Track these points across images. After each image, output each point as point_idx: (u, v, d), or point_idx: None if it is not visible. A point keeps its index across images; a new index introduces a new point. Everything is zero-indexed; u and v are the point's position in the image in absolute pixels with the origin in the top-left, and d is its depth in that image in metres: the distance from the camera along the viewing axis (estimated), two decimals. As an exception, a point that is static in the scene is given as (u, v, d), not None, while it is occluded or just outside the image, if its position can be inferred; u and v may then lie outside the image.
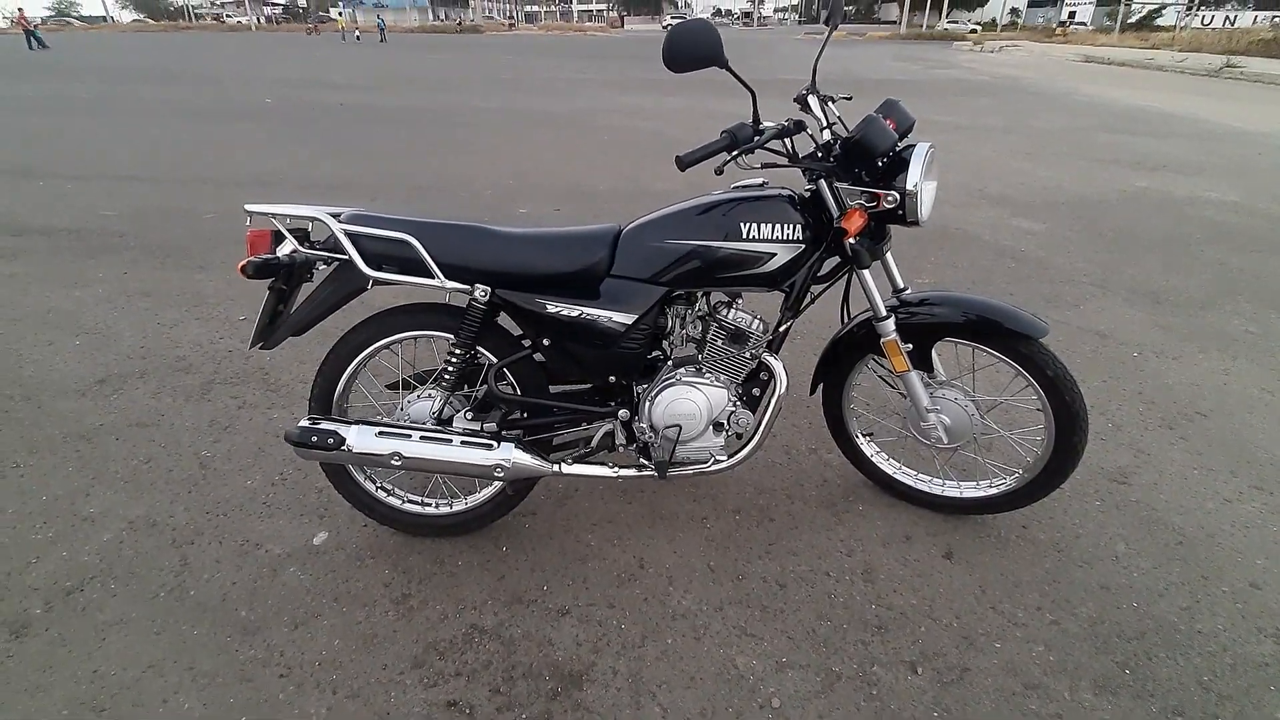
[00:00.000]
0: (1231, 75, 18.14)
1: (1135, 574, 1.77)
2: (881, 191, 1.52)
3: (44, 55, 23.58)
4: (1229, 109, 11.34)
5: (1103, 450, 2.27)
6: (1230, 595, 1.71)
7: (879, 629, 1.62)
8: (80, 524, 1.95)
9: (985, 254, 4.21)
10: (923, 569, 1.79)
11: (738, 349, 1.69)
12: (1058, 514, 1.98)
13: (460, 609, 1.67)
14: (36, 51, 25.28)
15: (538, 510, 2.00)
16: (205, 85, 13.85)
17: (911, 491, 1.99)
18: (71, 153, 7.13)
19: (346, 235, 1.53)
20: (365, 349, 1.70)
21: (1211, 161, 7.05)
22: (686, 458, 1.73)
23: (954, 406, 1.77)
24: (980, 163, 6.87)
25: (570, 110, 10.57)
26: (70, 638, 1.59)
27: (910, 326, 1.71)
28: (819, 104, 1.59)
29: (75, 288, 3.62)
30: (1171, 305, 3.47)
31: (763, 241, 1.56)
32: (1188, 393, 2.64)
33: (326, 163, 6.75)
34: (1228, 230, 4.74)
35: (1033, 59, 25.30)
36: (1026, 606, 1.67)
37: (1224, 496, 2.07)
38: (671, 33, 1.35)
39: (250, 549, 1.86)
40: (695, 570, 1.79)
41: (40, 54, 24.28)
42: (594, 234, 1.63)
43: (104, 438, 2.34)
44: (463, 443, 1.62)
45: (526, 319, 1.65)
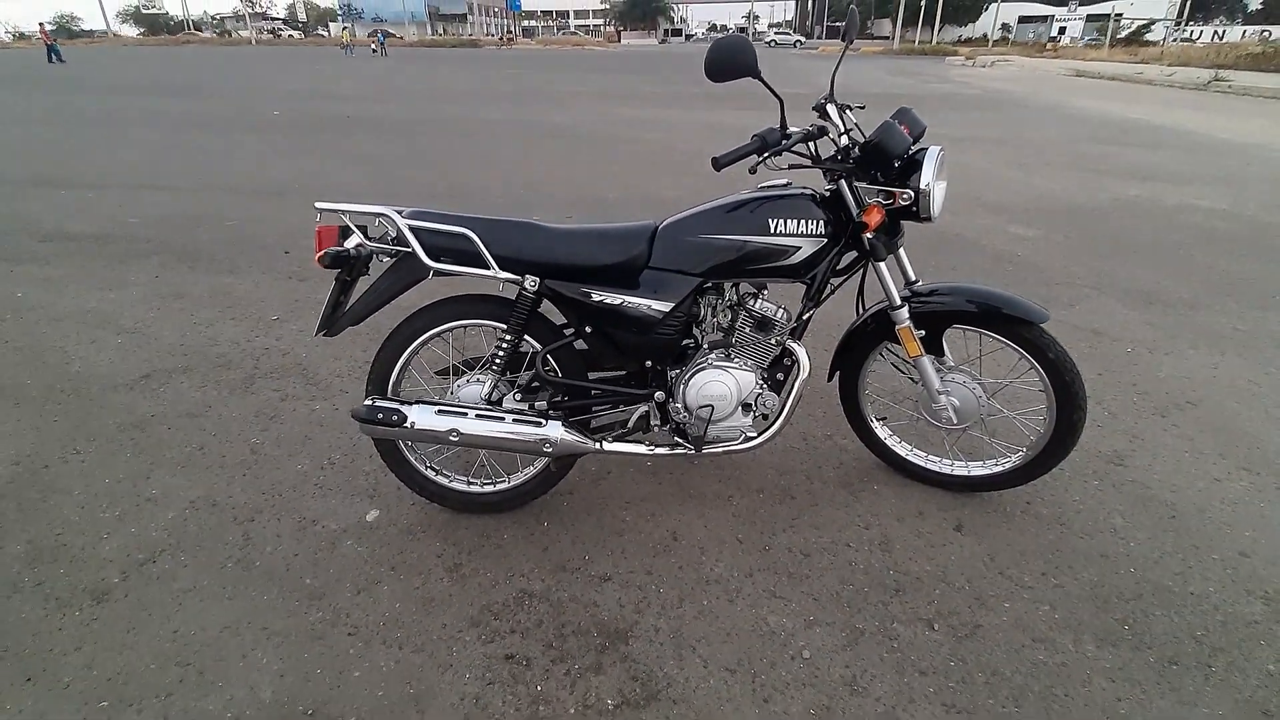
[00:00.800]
0: (1219, 89, 18.52)
1: (1132, 544, 1.92)
2: (898, 190, 1.67)
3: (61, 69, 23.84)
4: (1217, 121, 11.62)
5: (1100, 435, 2.42)
6: (1220, 562, 1.85)
7: (897, 591, 1.75)
8: (144, 504, 2.07)
9: (984, 258, 4.39)
10: (935, 540, 1.93)
11: (764, 336, 1.83)
12: (1059, 492, 2.12)
13: (510, 576, 1.80)
14: (55, 65, 25.60)
15: (575, 490, 2.13)
16: (213, 98, 14.06)
17: (923, 471, 2.13)
18: (89, 163, 7.29)
19: (410, 230, 1.67)
20: (421, 335, 1.84)
21: (1200, 171, 7.27)
22: (718, 436, 1.87)
23: (962, 389, 1.92)
24: (976, 173, 7.08)
25: (574, 122, 10.78)
26: (149, 603, 1.71)
27: (922, 314, 1.86)
28: (837, 112, 1.75)
29: (110, 290, 3.75)
30: (1163, 305, 3.64)
31: (788, 236, 1.71)
32: (1179, 384, 2.80)
33: (337, 172, 6.92)
34: (1216, 236, 4.93)
35: (1024, 73, 25.74)
36: (1032, 572, 1.81)
37: (1214, 476, 2.21)
38: (714, 47, 1.51)
39: (308, 525, 1.99)
40: (725, 542, 1.93)
41: (58, 67, 24.55)
42: (633, 229, 1.78)
43: (156, 427, 2.47)
44: (515, 420, 1.76)
45: (571, 307, 1.80)
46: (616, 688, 1.50)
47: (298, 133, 9.45)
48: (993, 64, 31.09)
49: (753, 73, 1.53)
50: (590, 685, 1.51)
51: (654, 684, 1.51)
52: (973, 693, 1.49)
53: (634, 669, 1.54)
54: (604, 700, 1.47)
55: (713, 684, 1.51)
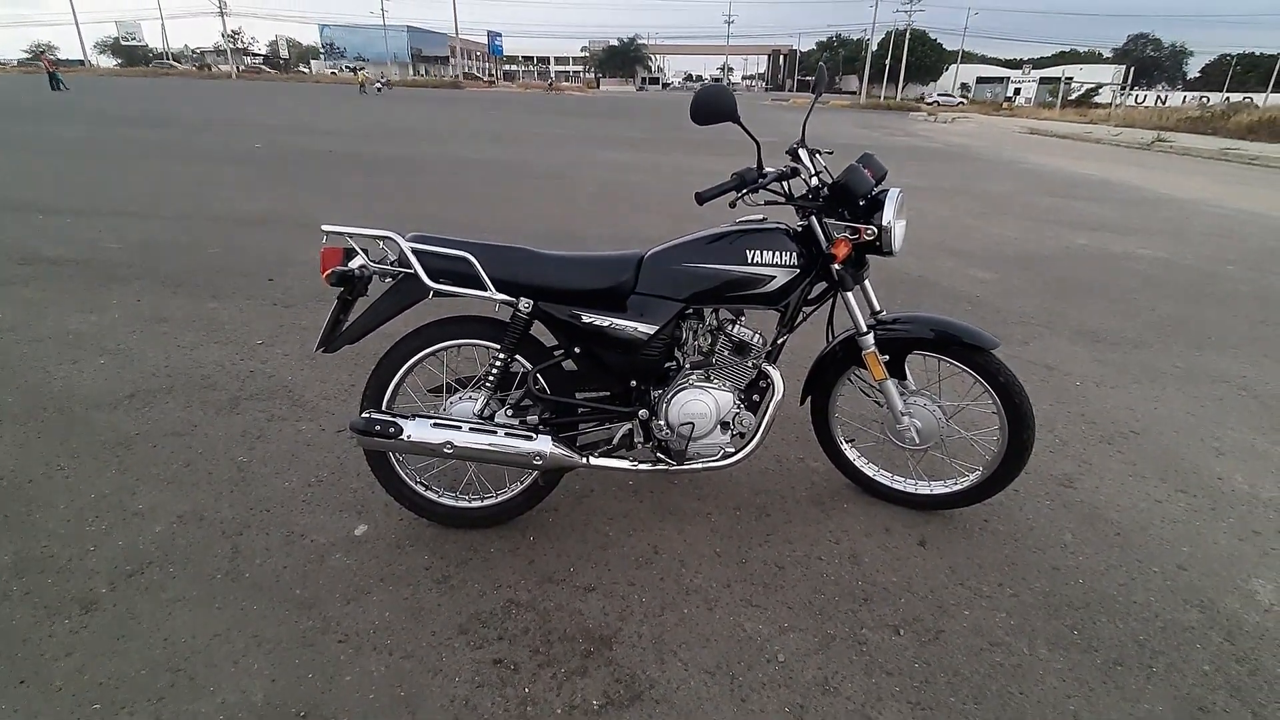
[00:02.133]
0: (1162, 148, 19.80)
1: (1080, 558, 2.06)
2: (862, 226, 1.85)
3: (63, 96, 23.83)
4: (1159, 178, 12.43)
5: (1052, 460, 2.59)
6: (1161, 575, 2.00)
7: (865, 600, 1.86)
8: (131, 518, 2.09)
9: (945, 298, 4.64)
10: (901, 554, 2.05)
11: (742, 359, 1.97)
12: (1014, 511, 2.27)
13: (497, 587, 1.86)
14: (58, 93, 25.74)
15: (559, 507, 2.21)
16: (196, 130, 14.11)
17: (889, 491, 2.26)
18: (69, 189, 7.27)
19: (413, 253, 1.79)
20: (418, 353, 1.93)
21: (1144, 224, 7.77)
22: (698, 453, 1.98)
23: (924, 411, 2.07)
24: (938, 220, 7.46)
25: (553, 163, 11.08)
26: (138, 612, 1.73)
27: (886, 340, 2.02)
28: (808, 155, 1.93)
29: (91, 313, 3.76)
30: (1109, 344, 3.89)
31: (764, 266, 1.86)
32: (1123, 415, 3.00)
33: (317, 205, 7.01)
34: (1157, 282, 5.28)
35: (982, 129, 27.17)
36: (990, 583, 1.94)
37: (1155, 498, 2.38)
38: (698, 94, 1.68)
39: (296, 539, 2.03)
40: (704, 555, 2.02)
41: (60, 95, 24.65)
42: (621, 258, 1.91)
43: (141, 445, 2.49)
44: (507, 434, 1.85)
45: (562, 328, 1.92)
46: (601, 689, 1.57)
47: (279, 166, 9.55)
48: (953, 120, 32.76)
49: (732, 118, 1.70)
50: (576, 687, 1.57)
51: (637, 686, 1.58)
52: (936, 692, 1.59)
53: (618, 672, 1.61)
54: (589, 701, 1.54)
55: (693, 685, 1.58)
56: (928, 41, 72.26)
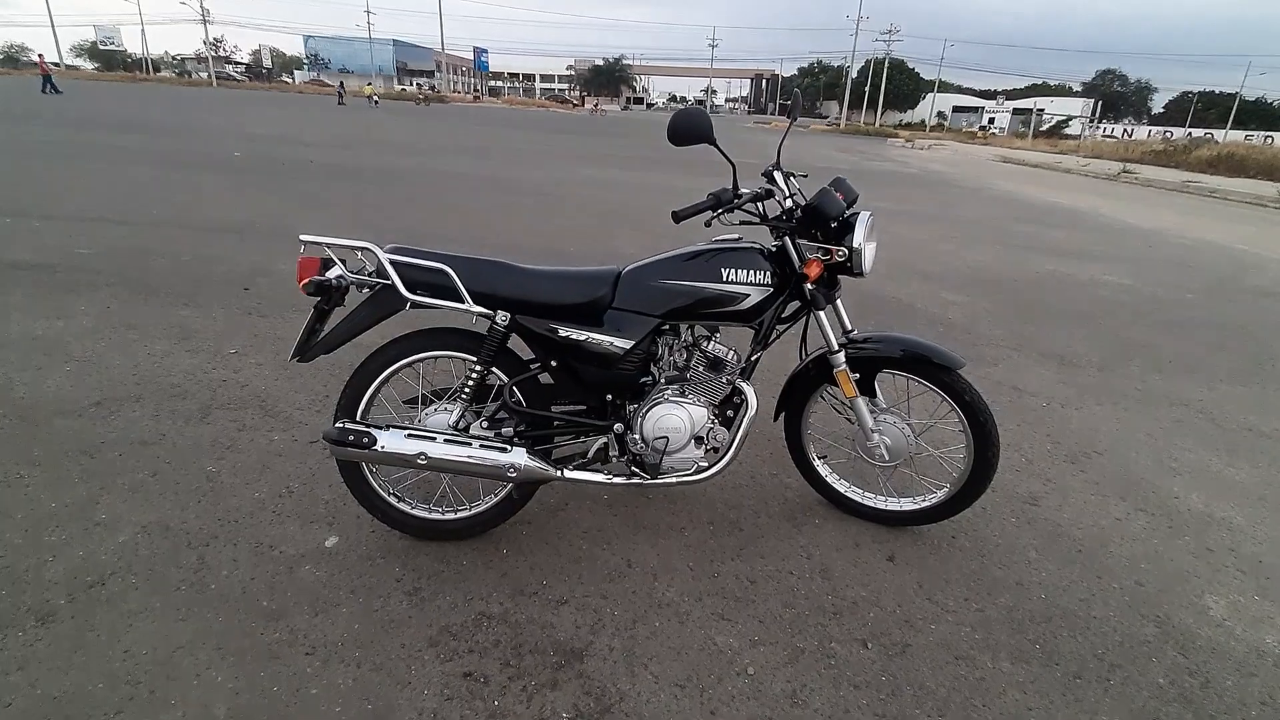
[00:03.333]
0: (1127, 180, 20.49)
1: (1043, 574, 2.11)
2: (834, 248, 1.90)
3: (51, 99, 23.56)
4: (1125, 208, 12.85)
5: (1017, 479, 2.65)
6: (1119, 590, 2.06)
7: (835, 614, 1.88)
8: (93, 528, 2.05)
9: (918, 320, 4.74)
10: (870, 569, 2.08)
11: (716, 375, 2.00)
12: (980, 528, 2.32)
13: (469, 599, 1.85)
14: (49, 96, 25.43)
15: (533, 521, 2.21)
16: (176, 136, 13.94)
17: (859, 507, 2.30)
18: (41, 194, 7.13)
19: (391, 264, 1.80)
20: (392, 364, 1.93)
21: (1110, 251, 8.02)
22: (672, 466, 2.00)
23: (893, 429, 2.12)
24: (914, 244, 7.63)
25: (537, 179, 11.14)
26: (97, 624, 1.69)
27: (857, 359, 2.07)
28: (782, 178, 1.99)
29: (58, 319, 3.68)
30: (1075, 367, 4.00)
31: (738, 284, 1.90)
32: (1087, 436, 3.09)
33: (296, 214, 6.97)
34: (1121, 307, 5.45)
35: (957, 157, 27.90)
36: (956, 598, 1.98)
37: (1115, 516, 2.45)
38: (675, 116, 1.72)
39: (265, 550, 2.00)
40: (676, 569, 2.03)
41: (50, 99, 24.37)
42: (599, 273, 1.94)
43: (107, 453, 2.44)
44: (481, 446, 1.86)
45: (539, 342, 1.93)
46: (572, 702, 1.56)
47: (259, 174, 9.47)
48: (929, 147, 33.57)
49: (708, 139, 1.75)
50: (546, 700, 1.57)
51: (607, 699, 1.58)
52: (901, 704, 1.61)
53: (588, 685, 1.61)
54: (559, 714, 1.53)
55: (663, 698, 1.59)
56: (906, 70, 74.21)
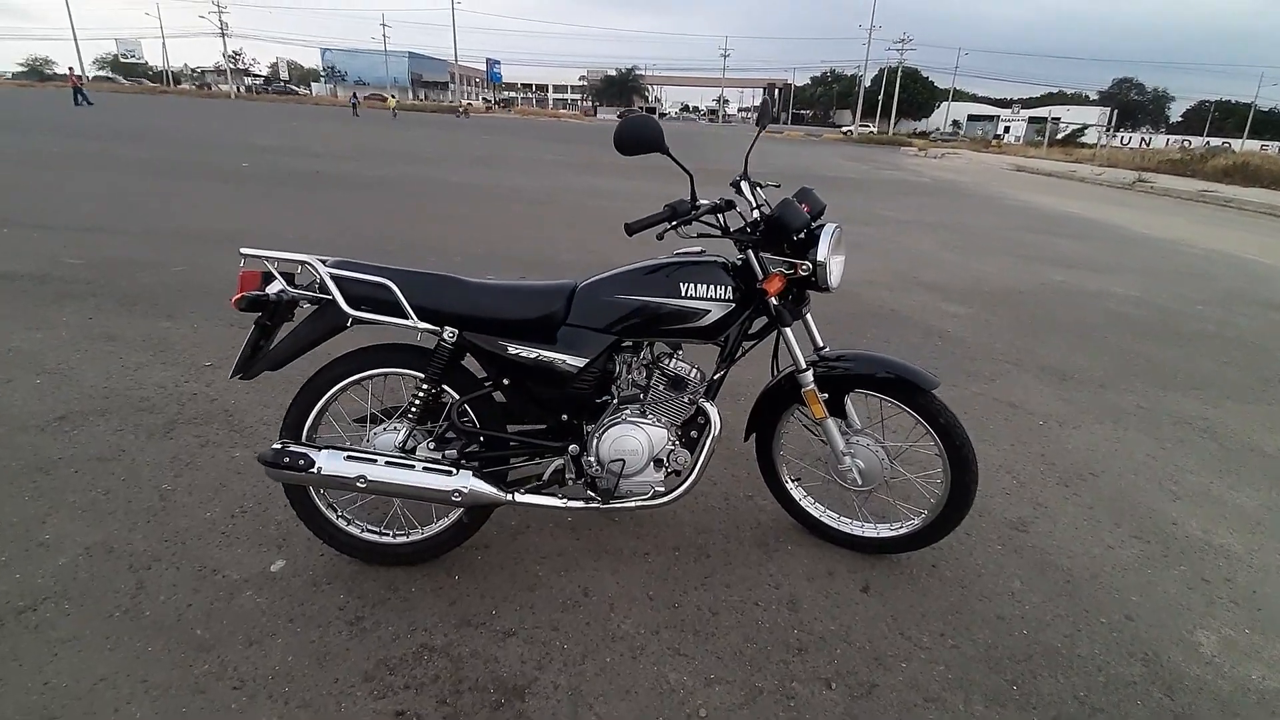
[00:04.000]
0: (1143, 189, 20.18)
1: (1027, 607, 1.98)
2: (798, 261, 1.80)
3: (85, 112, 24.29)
4: (1139, 217, 12.62)
5: (1006, 503, 2.53)
6: (1107, 626, 1.93)
7: (799, 650, 1.77)
8: (35, 549, 1.98)
9: (915, 332, 4.61)
10: (842, 600, 1.97)
11: (677, 394, 1.91)
12: (963, 555, 2.20)
13: (412, 629, 1.76)
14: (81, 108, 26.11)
15: (491, 544, 2.12)
16: (189, 147, 14.11)
17: (834, 532, 2.19)
18: (41, 204, 7.19)
19: (332, 278, 1.72)
20: (339, 382, 1.86)
21: (1120, 262, 7.84)
22: (630, 490, 1.90)
23: (866, 452, 2.01)
24: (917, 253, 7.50)
25: (541, 188, 11.13)
26: (21, 653, 1.62)
27: (827, 378, 1.96)
28: (749, 188, 1.89)
29: (37, 330, 3.66)
30: (1075, 382, 3.86)
31: (698, 300, 1.81)
32: (1083, 456, 2.96)
33: (297, 225, 6.97)
34: (1129, 321, 5.29)
35: (970, 165, 27.67)
36: (931, 633, 1.86)
37: (1107, 544, 2.32)
38: (621, 124, 1.64)
39: (208, 574, 1.92)
40: (635, 599, 1.93)
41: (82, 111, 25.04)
42: (553, 287, 1.86)
43: (62, 470, 2.39)
44: (424, 469, 1.77)
45: (489, 360, 1.85)
46: (506, 746, 1.47)
47: (264, 184, 9.53)
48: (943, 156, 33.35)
49: (659, 148, 1.66)
50: (479, 743, 1.47)
51: (545, 742, 1.48)
52: (862, 753, 1.50)
53: (526, 726, 1.52)
54: (491, 759, 1.44)
55: (605, 742, 1.49)
56: (920, 79, 74.03)
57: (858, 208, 11.11)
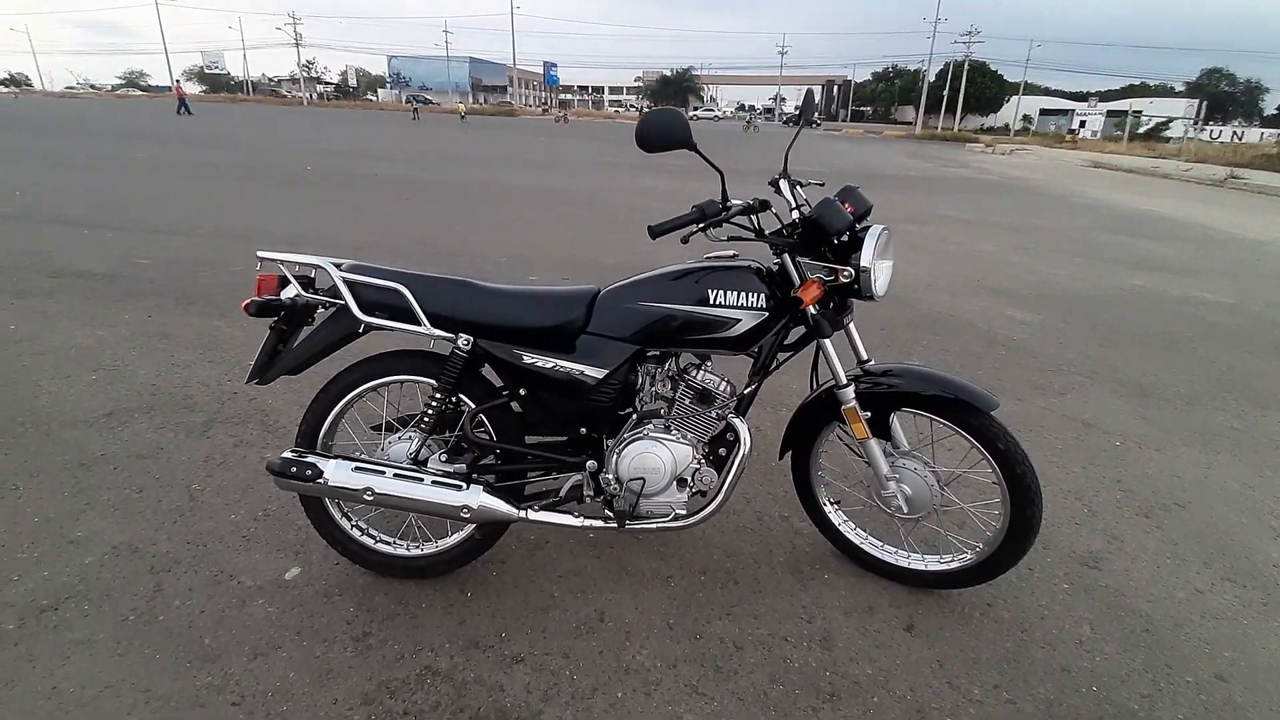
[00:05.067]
0: (1235, 186, 18.66)
1: (1098, 658, 1.75)
2: (839, 267, 1.64)
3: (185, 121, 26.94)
4: (1230, 217, 11.63)
5: (1076, 534, 2.28)
6: (1194, 686, 1.68)
7: (831, 696, 1.61)
8: (65, 546, 2.01)
9: (977, 340, 4.31)
10: (882, 640, 1.79)
11: (705, 409, 1.77)
12: (1024, 594, 1.97)
13: (417, 649, 1.69)
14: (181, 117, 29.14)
15: (507, 559, 2.03)
16: (257, 151, 14.78)
17: (877, 562, 2.00)
18: (119, 206, 7.61)
19: (345, 283, 1.67)
20: (354, 389, 1.80)
21: (1208, 265, 7.21)
22: (649, 511, 1.78)
23: (914, 476, 1.82)
24: (982, 256, 7.08)
25: (591, 189, 11.11)
26: (37, 654, 1.62)
27: (871, 395, 1.79)
28: (789, 187, 1.74)
29: (100, 327, 3.81)
30: (1158, 398, 3.51)
31: (728, 308, 1.67)
32: (1167, 483, 2.65)
33: (352, 227, 7.13)
34: (1220, 330, 4.82)
35: (1042, 162, 26.24)
36: (983, 684, 1.66)
37: (1195, 587, 2.05)
38: (644, 118, 1.52)
39: (223, 579, 1.90)
40: (654, 627, 1.80)
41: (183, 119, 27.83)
42: (573, 294, 1.75)
43: (103, 466, 2.44)
44: (433, 482, 1.69)
45: (505, 369, 1.76)
46: (504, 787, 1.37)
47: (326, 188, 9.84)
48: (1011, 152, 31.82)
49: (686, 144, 1.53)
50: (475, 782, 1.37)
51: (545, 785, 1.37)
52: (898, 822, 1.33)
53: (527, 766, 1.41)
54: (487, 801, 1.34)
55: (610, 790, 1.37)
56: (988, 73, 70.81)
57: (918, 206, 10.61)
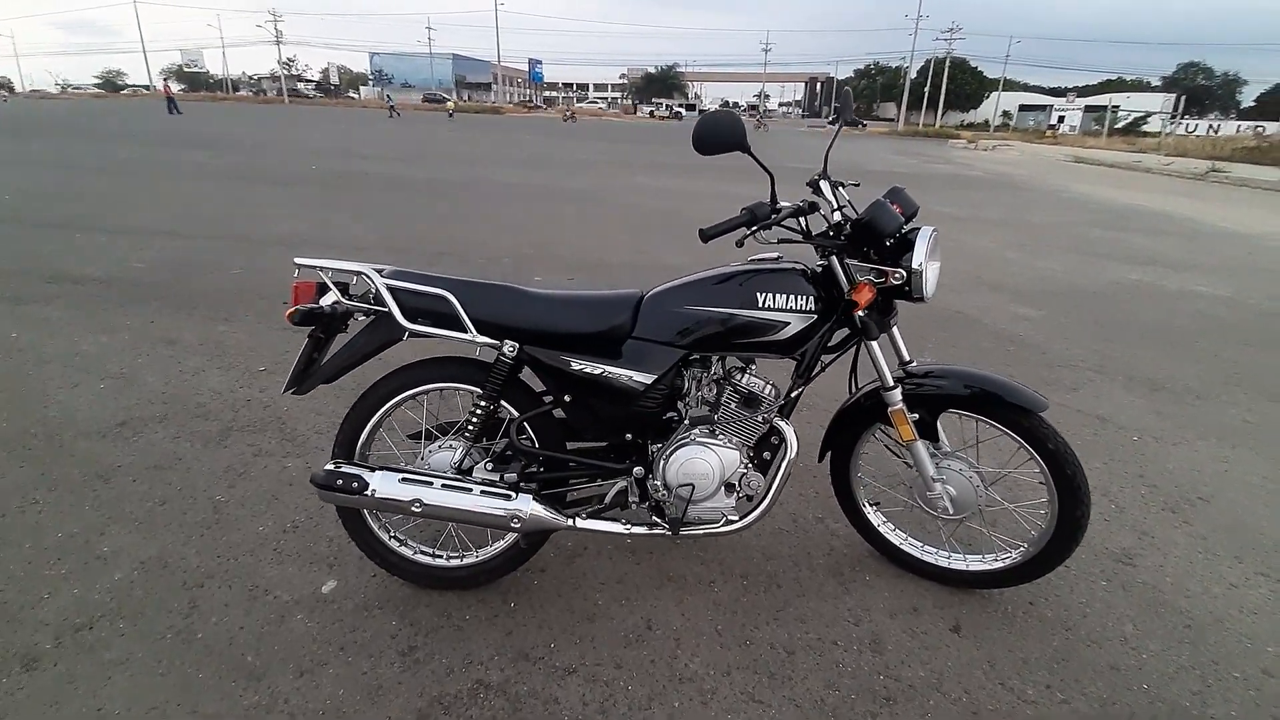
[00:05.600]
0: (1217, 179, 18.97)
1: (1144, 656, 1.77)
2: (889, 269, 1.63)
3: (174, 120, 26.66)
4: (1216, 210, 11.82)
5: (1106, 531, 2.29)
6: (1242, 681, 1.70)
7: (887, 700, 1.60)
8: (93, 562, 1.96)
9: (985, 337, 4.33)
10: (930, 641, 1.79)
11: (750, 412, 1.76)
12: (1064, 592, 1.98)
13: (467, 663, 1.66)
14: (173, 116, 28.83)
15: (547, 568, 2.01)
16: (244, 151, 14.56)
17: (918, 563, 2.00)
18: (112, 208, 7.46)
19: (388, 290, 1.63)
20: (393, 398, 1.77)
21: (1201, 259, 7.31)
22: (699, 517, 1.76)
23: (959, 478, 1.82)
24: (978, 252, 7.13)
25: (585, 187, 11.06)
26: (77, 675, 1.58)
27: (916, 397, 1.78)
28: (830, 188, 1.73)
29: (103, 334, 3.73)
30: (1168, 393, 3.55)
31: (777, 311, 1.66)
32: (1188, 478, 2.68)
33: (351, 227, 7.04)
34: (1220, 323, 4.89)
35: (1024, 158, 26.53)
36: (1036, 684, 1.66)
37: (1230, 581, 2.07)
38: (701, 121, 1.50)
39: (259, 594, 1.86)
40: (703, 634, 1.79)
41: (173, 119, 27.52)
42: (618, 298, 1.73)
43: (121, 479, 2.38)
44: (482, 492, 1.67)
45: (550, 375, 1.73)
46: (571, 802, 1.35)
47: (321, 187, 9.70)
48: (994, 148, 32.11)
49: (741, 147, 1.51)
50: (542, 798, 1.35)
51: (613, 799, 1.36)
52: (969, 827, 1.33)
53: (592, 780, 1.39)
54: (556, 817, 1.32)
55: (679, 802, 1.35)
56: (968, 69, 71.45)
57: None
